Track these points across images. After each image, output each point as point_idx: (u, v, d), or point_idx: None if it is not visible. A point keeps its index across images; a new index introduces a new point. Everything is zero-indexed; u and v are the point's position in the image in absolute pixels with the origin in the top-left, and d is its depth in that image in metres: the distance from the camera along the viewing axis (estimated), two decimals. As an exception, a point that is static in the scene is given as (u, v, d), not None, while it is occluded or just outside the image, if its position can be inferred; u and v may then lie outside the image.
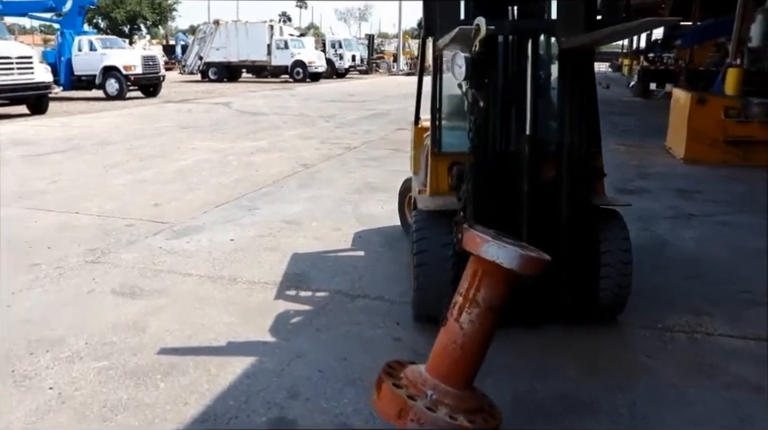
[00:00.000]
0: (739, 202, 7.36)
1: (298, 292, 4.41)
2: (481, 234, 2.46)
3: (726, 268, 5.08)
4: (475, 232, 2.48)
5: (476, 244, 2.45)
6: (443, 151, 3.97)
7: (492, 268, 2.43)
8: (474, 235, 2.48)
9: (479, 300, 2.49)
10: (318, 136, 12.33)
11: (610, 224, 3.84)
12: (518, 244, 2.49)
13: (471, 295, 2.50)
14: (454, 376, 2.52)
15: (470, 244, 2.48)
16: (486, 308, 2.49)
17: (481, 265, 2.48)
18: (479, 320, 2.50)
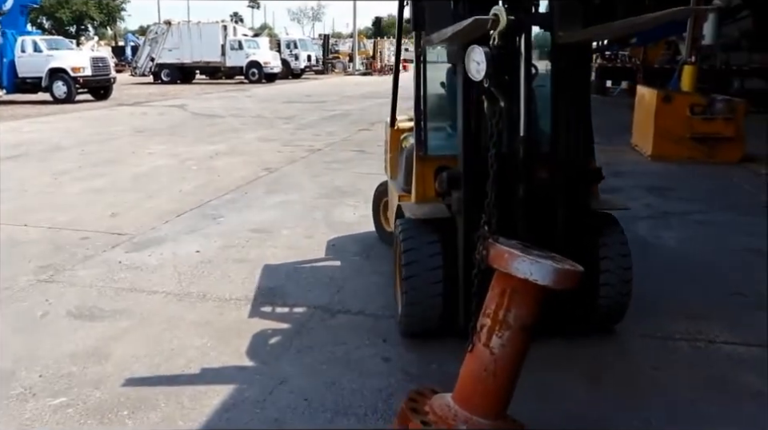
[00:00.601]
0: (711, 199, 7.32)
1: (274, 308, 4.09)
2: (509, 249, 2.20)
3: (713, 269, 4.96)
4: (503, 247, 2.23)
5: (505, 261, 2.19)
6: (429, 154, 3.71)
7: (524, 286, 2.19)
8: (501, 250, 2.22)
9: (510, 321, 2.24)
10: (280, 138, 11.96)
11: (608, 228, 3.64)
12: (549, 256, 2.25)
13: (501, 316, 2.25)
14: (487, 406, 2.28)
15: (498, 260, 2.23)
16: (518, 329, 2.24)
17: (510, 283, 2.23)
18: (511, 342, 2.25)
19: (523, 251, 2.20)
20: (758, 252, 5.34)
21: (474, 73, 2.37)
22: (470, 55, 2.37)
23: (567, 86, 3.28)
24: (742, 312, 4.13)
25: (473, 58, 2.35)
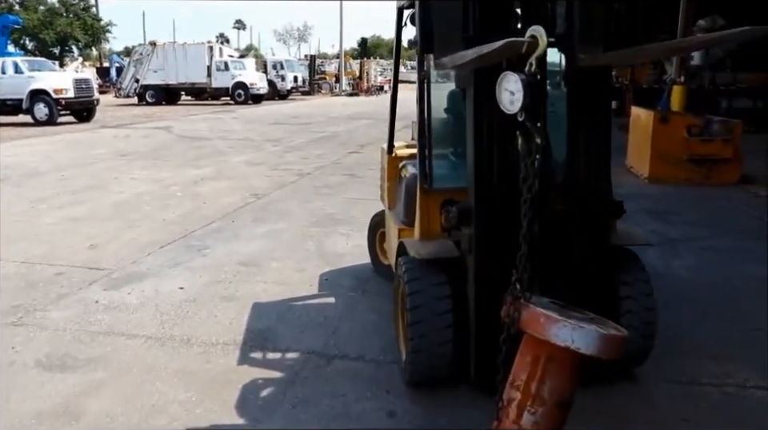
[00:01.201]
0: (716, 224, 7.10)
1: (265, 354, 3.76)
2: (547, 312, 1.90)
3: (728, 301, 4.69)
4: (538, 310, 1.93)
5: (541, 325, 1.90)
6: (435, 187, 3.41)
7: (562, 354, 1.88)
8: (536, 313, 1.93)
9: (545, 395, 1.93)
10: (267, 161, 11.64)
11: (628, 265, 3.36)
12: (589, 318, 1.95)
13: (534, 389, 1.94)
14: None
15: (533, 324, 1.93)
16: (553, 405, 1.94)
17: (546, 350, 1.93)
18: (546, 420, 1.94)
19: (561, 313, 1.90)
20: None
21: (507, 104, 2.07)
22: (503, 83, 2.07)
23: (587, 113, 3.01)
24: (765, 351, 3.86)
25: (506, 87, 2.05)
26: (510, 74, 1.99)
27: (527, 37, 1.93)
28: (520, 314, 2.00)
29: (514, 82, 1.99)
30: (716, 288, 4.96)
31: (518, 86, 1.97)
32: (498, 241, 3.02)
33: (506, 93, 2.05)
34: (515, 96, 1.99)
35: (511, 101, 2.03)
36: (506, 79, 2.03)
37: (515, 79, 1.98)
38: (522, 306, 2.01)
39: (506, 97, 2.05)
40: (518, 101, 1.99)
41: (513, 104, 2.03)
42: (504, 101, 2.06)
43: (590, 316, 2.05)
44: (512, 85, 2.00)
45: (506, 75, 2.02)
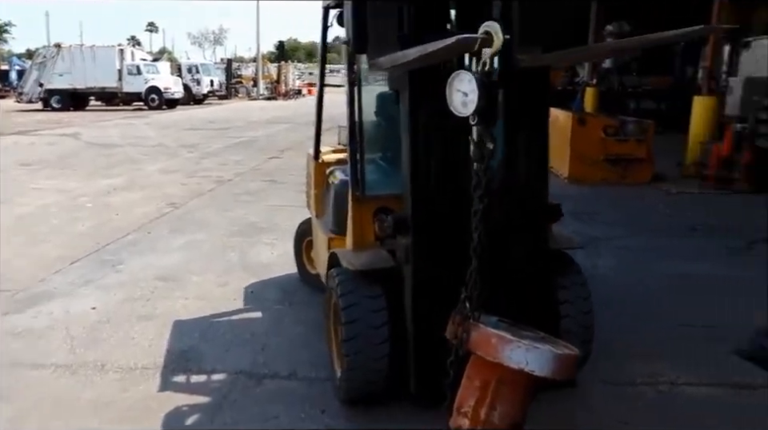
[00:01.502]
0: (634, 223, 7.31)
1: (189, 377, 3.51)
2: (499, 332, 1.78)
3: (653, 298, 4.80)
4: (489, 330, 1.80)
5: (493, 347, 1.77)
6: (367, 194, 3.27)
7: (514, 377, 1.76)
8: (488, 334, 1.80)
9: (495, 421, 1.81)
10: (183, 169, 11.18)
11: (565, 269, 3.33)
12: (539, 337, 1.85)
13: (483, 415, 1.81)
14: None
15: (483, 346, 1.81)
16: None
17: (496, 373, 1.80)
18: None
19: (512, 333, 1.79)
20: (690, 277, 5.25)
21: (459, 106, 1.92)
22: (455, 83, 1.92)
23: (524, 115, 2.94)
24: (692, 346, 3.95)
25: (458, 87, 1.90)
26: (464, 74, 1.86)
27: (480, 34, 1.80)
28: (469, 335, 1.88)
29: (468, 82, 1.86)
30: (637, 287, 5.06)
31: (471, 87, 1.84)
32: (436, 251, 2.91)
33: (457, 94, 1.91)
34: (468, 97, 1.86)
35: (464, 103, 1.89)
36: (459, 79, 1.90)
37: (469, 79, 1.85)
38: (472, 326, 1.89)
39: (457, 99, 1.92)
40: (471, 102, 1.85)
41: (466, 106, 1.90)
42: (455, 102, 1.93)
43: (540, 335, 1.96)
44: (465, 85, 1.87)
45: (458, 74, 1.89)
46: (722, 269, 5.50)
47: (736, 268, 5.53)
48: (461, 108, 1.91)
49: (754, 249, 6.15)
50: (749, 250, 6.14)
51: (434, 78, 2.82)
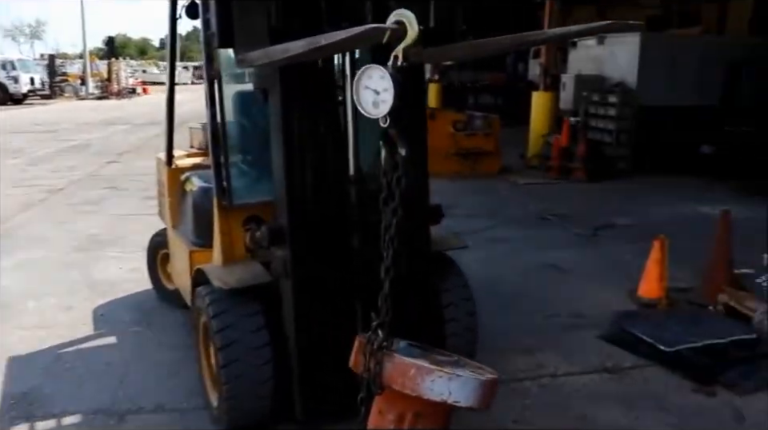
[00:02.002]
0: (492, 214, 7.53)
1: (33, 424, 3.01)
2: (417, 362, 1.59)
3: (522, 291, 4.92)
4: (407, 361, 1.61)
5: (412, 380, 1.58)
6: (235, 203, 2.97)
7: (434, 409, 1.59)
8: (405, 365, 1.60)
9: None
10: (7, 177, 9.94)
11: (446, 271, 3.25)
12: (454, 361, 1.69)
13: None
14: None
15: (401, 379, 1.60)
16: None
17: (412, 406, 1.62)
18: None
19: (431, 360, 1.63)
20: (552, 267, 5.46)
21: (369, 107, 1.69)
22: (363, 80, 1.70)
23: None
24: (565, 335, 4.07)
25: (368, 84, 1.68)
26: (375, 69, 1.64)
27: (391, 24, 1.60)
28: (382, 367, 1.68)
29: (380, 79, 1.65)
30: (510, 279, 5.17)
31: (385, 84, 1.65)
32: (317, 262, 2.70)
33: (366, 92, 1.69)
34: (380, 96, 1.66)
35: (375, 103, 1.68)
36: (368, 74, 1.68)
37: (381, 75, 1.65)
38: (386, 357, 1.70)
39: (366, 98, 1.70)
40: (384, 102, 1.65)
41: (377, 106, 1.68)
42: (365, 102, 1.71)
43: (454, 358, 1.82)
44: (376, 82, 1.66)
45: (368, 70, 1.67)
46: (576, 256, 5.79)
47: (588, 255, 5.85)
48: (371, 108, 1.70)
49: (598, 236, 6.54)
50: (594, 236, 6.52)
51: (308, 75, 2.61)
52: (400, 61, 1.59)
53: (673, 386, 3.44)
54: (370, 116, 1.69)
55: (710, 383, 3.45)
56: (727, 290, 4.34)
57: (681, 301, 4.61)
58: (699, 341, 3.75)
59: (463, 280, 3.26)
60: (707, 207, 7.75)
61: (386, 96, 1.64)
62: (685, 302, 4.60)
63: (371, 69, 1.64)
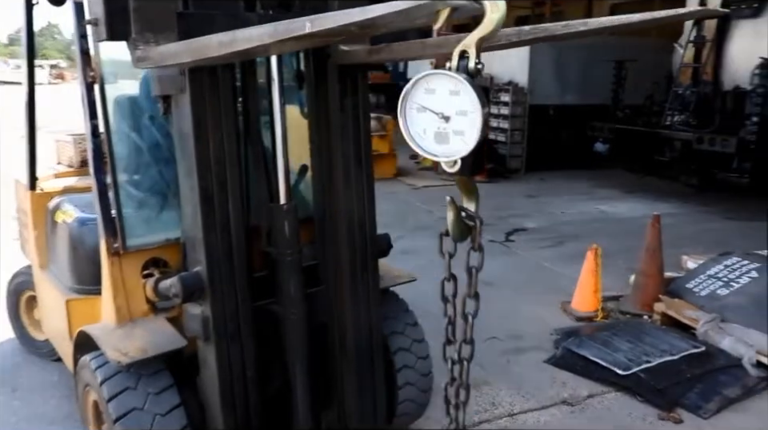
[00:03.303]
0: (401, 221, 7.10)
1: None
2: None
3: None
4: None
5: None
6: (130, 246, 2.28)
7: None
8: None
9: None
10: None
11: (393, 309, 2.75)
12: None
13: None
14: None
15: None
16: None
17: None
18: None
19: None
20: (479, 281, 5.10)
21: (430, 143, 1.09)
22: (417, 96, 1.09)
23: (345, 127, 2.26)
24: (510, 363, 3.70)
25: (426, 104, 1.07)
26: (445, 77, 1.01)
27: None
28: None
29: (451, 94, 1.04)
30: (431, 297, 4.71)
31: (463, 103, 1.04)
32: (247, 318, 2.12)
33: (424, 117, 1.09)
34: (452, 124, 1.06)
35: (441, 136, 1.08)
36: (429, 86, 1.07)
37: (456, 87, 1.03)
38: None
39: (422, 125, 1.09)
40: (461, 135, 1.05)
41: (445, 140, 1.08)
42: (418, 134, 1.07)
43: None
44: (445, 100, 1.05)
45: (431, 78, 1.04)
46: (496, 266, 5.48)
47: (507, 264, 5.57)
48: (433, 145, 1.11)
49: (512, 241, 6.31)
50: (508, 242, 6.28)
51: (226, 80, 2.01)
52: (473, 62, 1.01)
53: (638, 415, 3.15)
54: (435, 158, 1.13)
55: (672, 407, 3.20)
56: (664, 299, 4.16)
57: (615, 312, 4.40)
58: (653, 360, 3.49)
59: (413, 319, 2.78)
60: (606, 205, 7.81)
61: (462, 123, 1.07)
62: (618, 313, 4.39)
63: (436, 77, 1.07)
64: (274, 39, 1.10)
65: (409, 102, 1.14)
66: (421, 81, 1.11)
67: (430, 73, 1.09)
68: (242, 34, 1.19)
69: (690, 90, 8.10)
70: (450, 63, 1.03)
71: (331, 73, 2.20)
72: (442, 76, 1.07)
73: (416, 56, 2.02)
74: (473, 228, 1.28)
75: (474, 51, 1.01)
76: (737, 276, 4.18)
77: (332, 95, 2.23)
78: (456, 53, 1.01)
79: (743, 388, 3.38)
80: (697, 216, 7.33)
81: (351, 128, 2.26)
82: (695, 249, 5.60)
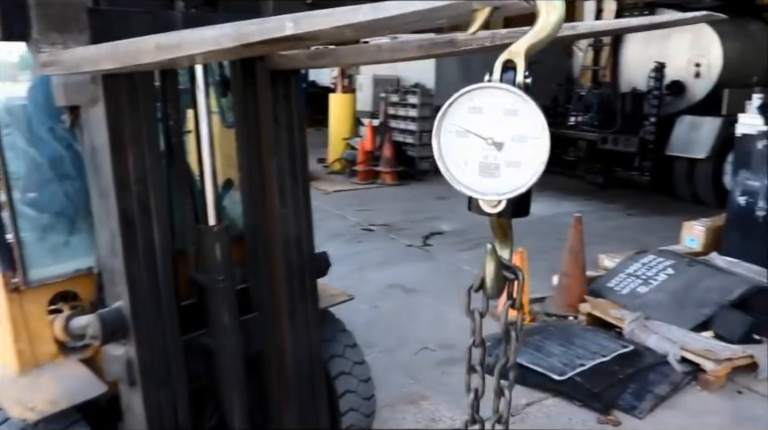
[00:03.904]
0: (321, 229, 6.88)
1: None
2: None
3: (377, 321, 4.38)
4: None
5: None
6: (33, 280, 1.96)
7: None
8: None
9: None
10: None
11: (332, 331, 2.56)
12: None
13: None
14: None
15: None
16: None
17: None
18: None
19: None
20: (397, 287, 5.01)
21: (475, 180, 0.88)
22: (458, 116, 0.86)
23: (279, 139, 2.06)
24: (445, 374, 3.61)
25: (470, 128, 0.85)
26: (499, 91, 0.83)
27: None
28: None
29: (508, 114, 0.84)
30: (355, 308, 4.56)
31: (523, 126, 0.84)
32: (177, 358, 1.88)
33: (467, 145, 0.87)
34: (506, 153, 0.85)
35: (490, 168, 0.86)
36: (476, 103, 0.86)
37: (515, 105, 0.83)
38: None
39: (465, 156, 0.88)
40: (516, 167, 0.84)
41: (496, 174, 0.86)
42: (458, 167, 0.89)
43: None
44: (499, 123, 0.85)
45: (478, 92, 0.85)
46: (417, 271, 5.40)
47: (428, 269, 5.50)
48: (478, 182, 0.90)
49: (430, 245, 6.26)
50: (426, 246, 6.22)
51: (145, 89, 1.76)
52: (521, 75, 0.84)
53: (578, 420, 3.14)
54: (480, 197, 0.90)
55: (609, 409, 3.21)
56: (589, 300, 4.20)
57: (541, 314, 4.41)
58: (586, 363, 3.49)
59: (352, 340, 2.60)
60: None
61: (520, 152, 0.86)
62: (544, 315, 4.40)
63: (485, 92, 0.85)
64: (239, 43, 0.90)
65: (446, 123, 0.91)
66: (464, 98, 0.89)
67: (478, 86, 0.88)
68: (190, 37, 0.98)
69: (591, 92, 8.37)
70: (491, 76, 0.84)
71: (262, 78, 2.00)
72: (493, 91, 0.86)
73: (369, 61, 1.85)
74: (510, 282, 1.07)
75: (523, 61, 0.83)
76: (654, 273, 4.30)
77: (263, 104, 2.02)
78: (499, 63, 0.84)
79: (671, 384, 3.44)
80: (602, 214, 7.57)
81: (285, 140, 2.06)
82: (607, 247, 5.75)
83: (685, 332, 3.74)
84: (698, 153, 7.63)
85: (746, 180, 4.89)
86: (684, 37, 8.08)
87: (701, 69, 7.93)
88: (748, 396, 3.43)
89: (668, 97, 7.91)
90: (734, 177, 5.08)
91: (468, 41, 1.33)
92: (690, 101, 8.07)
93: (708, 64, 7.88)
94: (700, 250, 5.09)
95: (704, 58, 7.88)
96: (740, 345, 3.60)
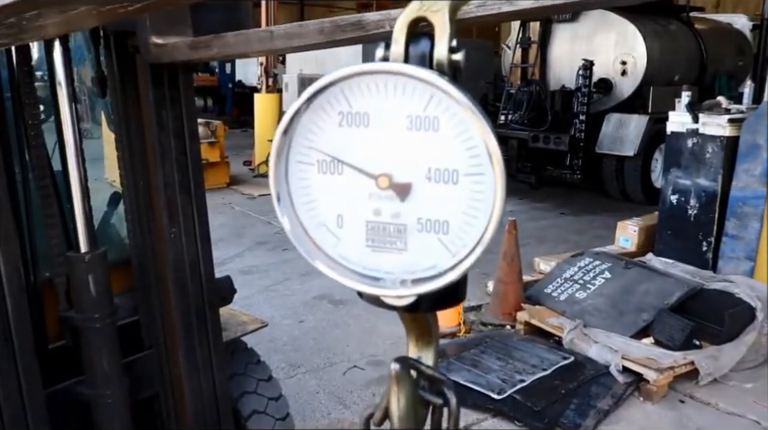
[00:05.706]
0: (238, 236, 6.52)
1: None
2: None
3: (304, 337, 4.08)
4: None
5: None
6: None
7: None
8: None
9: None
10: None
11: (243, 362, 2.23)
12: None
13: None
14: None
15: None
16: None
17: None
18: None
19: None
20: (323, 299, 4.71)
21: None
22: None
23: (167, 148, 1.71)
24: (376, 396, 3.30)
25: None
26: (400, 74, 0.41)
27: None
28: None
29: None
30: (280, 322, 4.27)
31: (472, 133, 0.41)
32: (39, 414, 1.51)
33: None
34: (459, 190, 0.42)
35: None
36: (369, 89, 0.43)
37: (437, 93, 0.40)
38: None
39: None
40: (478, 214, 0.42)
41: (444, 246, 0.44)
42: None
43: None
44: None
45: (364, 77, 0.43)
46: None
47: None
48: (370, 251, 0.49)
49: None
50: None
51: None
52: (444, 46, 0.45)
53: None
54: (362, 288, 0.53)
55: (552, 428, 3.00)
56: (526, 308, 4.00)
57: (476, 324, 4.19)
58: (526, 378, 3.28)
59: (267, 372, 2.28)
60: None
61: (444, 201, 0.46)
62: (480, 324, 4.19)
63: (375, 78, 0.44)
64: None
65: (298, 147, 0.52)
66: (329, 94, 0.49)
67: (358, 71, 0.47)
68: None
69: (521, 90, 8.28)
70: (386, 50, 0.47)
71: (142, 75, 1.65)
72: (389, 79, 0.47)
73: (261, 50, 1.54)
74: (437, 409, 0.55)
75: (448, 24, 0.46)
76: (591, 277, 4.14)
77: (145, 105, 1.67)
78: (403, 25, 0.46)
79: (613, 396, 3.27)
80: (534, 213, 7.49)
81: (174, 148, 1.72)
82: (541, 248, 5.63)
83: (625, 339, 3.59)
84: (626, 150, 7.65)
85: (677, 178, 4.82)
86: (609, 36, 8.10)
87: (627, 67, 7.96)
88: (691, 405, 3.30)
89: (596, 95, 7.90)
90: (665, 176, 5.01)
91: (381, 23, 1.03)
92: (617, 98, 8.10)
93: (634, 62, 7.91)
94: (634, 250, 5.01)
95: (629, 56, 7.92)
96: (680, 352, 3.47)
